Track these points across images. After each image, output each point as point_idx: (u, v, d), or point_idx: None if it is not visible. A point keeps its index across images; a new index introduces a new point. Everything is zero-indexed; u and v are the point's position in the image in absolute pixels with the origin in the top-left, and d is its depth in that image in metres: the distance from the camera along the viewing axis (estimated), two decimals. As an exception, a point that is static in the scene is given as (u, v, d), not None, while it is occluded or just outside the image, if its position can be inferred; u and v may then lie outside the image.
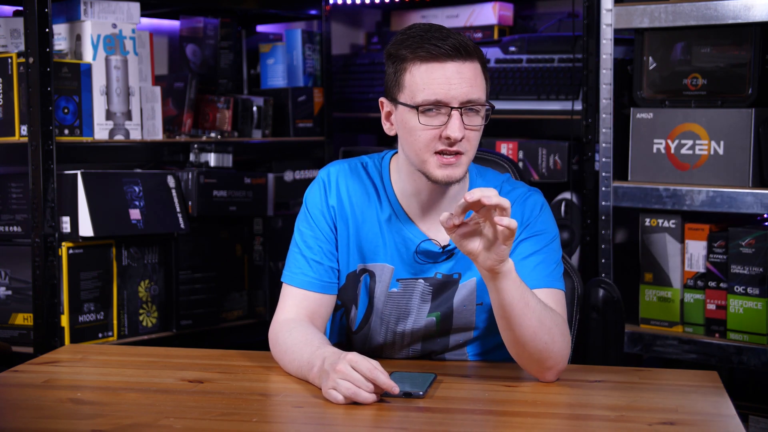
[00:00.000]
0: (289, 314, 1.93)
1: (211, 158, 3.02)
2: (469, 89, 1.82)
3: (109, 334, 2.79)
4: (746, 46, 2.67)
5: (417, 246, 1.93)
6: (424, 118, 1.82)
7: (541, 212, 1.94)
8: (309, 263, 1.95)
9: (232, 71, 3.35)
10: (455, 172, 1.84)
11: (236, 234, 3.14)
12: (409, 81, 1.84)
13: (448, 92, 1.81)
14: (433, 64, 1.82)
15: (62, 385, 1.83)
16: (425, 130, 1.83)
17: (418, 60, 1.83)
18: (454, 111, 1.81)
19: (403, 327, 1.98)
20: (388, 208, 1.95)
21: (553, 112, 3.14)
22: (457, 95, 1.81)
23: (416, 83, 1.83)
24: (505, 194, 1.95)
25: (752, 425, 2.77)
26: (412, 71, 1.84)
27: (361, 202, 1.97)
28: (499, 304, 1.75)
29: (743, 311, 2.68)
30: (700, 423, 1.58)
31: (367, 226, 1.96)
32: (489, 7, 3.50)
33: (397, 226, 1.94)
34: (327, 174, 2.00)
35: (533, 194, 1.97)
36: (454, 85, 1.81)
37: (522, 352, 1.79)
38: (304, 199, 2.00)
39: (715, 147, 2.72)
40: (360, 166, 2.00)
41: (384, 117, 1.93)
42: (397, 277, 1.96)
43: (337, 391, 1.66)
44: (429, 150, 1.84)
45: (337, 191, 1.97)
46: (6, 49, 2.85)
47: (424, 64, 1.83)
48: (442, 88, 1.81)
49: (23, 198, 2.73)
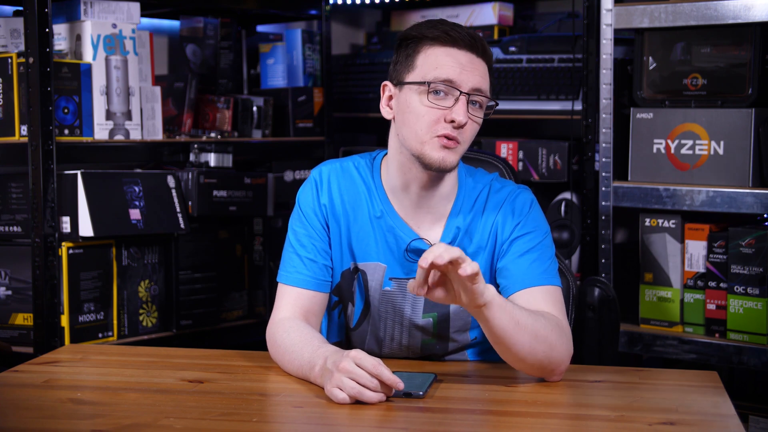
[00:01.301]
0: (285, 313, 1.94)
1: (211, 158, 3.02)
2: (480, 79, 1.86)
3: (109, 334, 2.79)
4: (746, 46, 2.67)
5: (408, 244, 1.94)
6: (433, 98, 1.85)
7: (531, 210, 1.95)
8: (303, 261, 1.96)
9: (232, 71, 3.35)
10: (450, 157, 1.86)
11: (236, 234, 3.14)
12: (422, 61, 1.87)
13: (460, 75, 1.84)
14: (450, 48, 1.86)
15: (62, 385, 1.83)
16: (431, 110, 1.84)
17: (438, 42, 1.86)
18: (462, 96, 1.84)
19: (401, 326, 1.98)
20: (379, 207, 1.96)
21: (553, 112, 3.14)
22: (468, 81, 1.84)
23: (430, 63, 1.86)
24: (494, 193, 1.96)
25: (752, 425, 2.77)
26: (428, 52, 1.87)
27: (353, 201, 1.98)
28: (490, 333, 1.76)
29: (743, 311, 2.68)
30: (700, 423, 1.58)
31: (359, 225, 1.97)
32: (489, 7, 3.50)
33: (388, 225, 1.95)
34: (319, 173, 2.01)
35: (522, 192, 1.97)
36: (466, 71, 1.84)
37: (523, 366, 1.80)
38: (297, 199, 2.01)
39: (715, 147, 2.72)
40: (352, 165, 2.01)
41: (385, 101, 1.95)
42: (390, 276, 1.96)
43: (341, 390, 1.66)
44: (431, 132, 1.85)
45: (329, 190, 1.98)
46: (6, 49, 2.85)
47: (441, 47, 1.86)
48: (455, 71, 1.84)
49: (23, 198, 2.73)
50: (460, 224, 1.94)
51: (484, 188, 1.98)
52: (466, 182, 1.98)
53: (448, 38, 1.85)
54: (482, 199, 1.96)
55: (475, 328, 1.98)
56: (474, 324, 1.97)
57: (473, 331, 1.98)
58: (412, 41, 1.89)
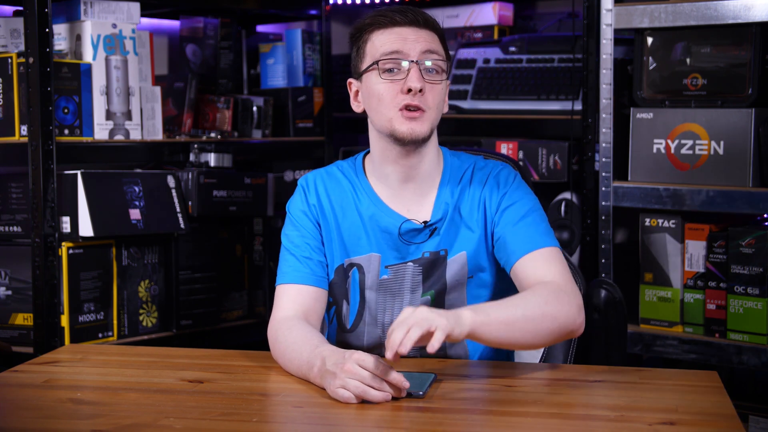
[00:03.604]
0: (286, 312, 1.95)
1: (211, 158, 3.02)
2: (427, 44, 1.91)
3: (109, 334, 2.79)
4: (746, 46, 2.67)
5: (399, 227, 1.96)
6: (386, 75, 1.91)
7: (514, 181, 2.00)
8: (299, 260, 1.98)
9: (232, 71, 3.35)
10: (418, 126, 1.89)
11: (236, 234, 3.14)
12: (370, 48, 1.94)
13: (404, 45, 1.90)
14: (392, 28, 1.93)
15: (62, 385, 1.83)
16: (387, 85, 1.90)
17: (379, 26, 1.93)
18: (413, 64, 1.89)
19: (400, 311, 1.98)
20: (365, 199, 2.00)
21: (553, 112, 3.14)
22: (415, 48, 1.90)
23: (375, 46, 1.93)
24: (478, 170, 2.01)
25: (752, 425, 2.77)
26: (372, 39, 1.94)
27: (340, 199, 2.02)
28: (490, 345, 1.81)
29: (743, 311, 2.68)
30: (700, 423, 1.58)
31: (348, 220, 2.01)
32: (489, 7, 3.50)
33: (377, 214, 1.99)
34: (305, 180, 2.07)
35: (504, 168, 2.02)
36: (410, 40, 1.91)
37: (540, 346, 1.86)
38: (288, 209, 2.06)
39: (715, 147, 2.72)
40: (336, 168, 2.07)
41: (353, 97, 2.02)
42: (385, 264, 1.99)
43: (346, 389, 1.66)
44: (394, 106, 1.90)
45: (316, 192, 2.03)
46: (6, 49, 2.85)
47: (383, 29, 1.93)
48: (399, 43, 1.91)
49: (23, 198, 2.73)
50: (448, 200, 1.98)
51: (469, 166, 2.02)
52: (452, 161, 2.03)
53: (387, 19, 1.92)
54: (468, 175, 2.01)
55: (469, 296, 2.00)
56: (469, 300, 1.99)
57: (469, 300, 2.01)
58: (358, 33, 1.97)
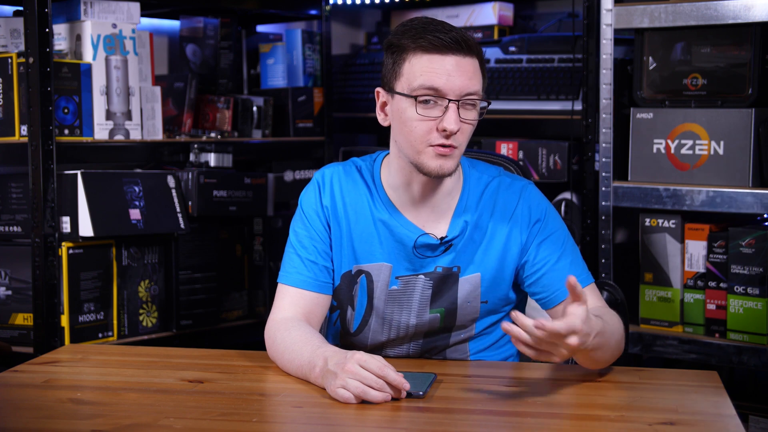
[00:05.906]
0: (286, 313, 1.94)
1: (211, 158, 3.02)
2: (468, 82, 1.82)
3: (109, 334, 2.79)
4: (746, 46, 2.67)
5: (415, 240, 1.94)
6: (422, 109, 1.82)
7: (546, 205, 1.98)
8: (304, 263, 1.96)
9: (232, 71, 3.35)
10: (448, 164, 1.85)
11: (236, 234, 3.14)
12: (407, 70, 1.84)
13: (446, 83, 1.81)
14: (434, 56, 1.82)
15: (62, 385, 1.83)
16: (422, 122, 1.83)
17: (420, 50, 1.83)
18: (452, 104, 1.81)
19: (407, 323, 1.98)
20: (381, 207, 1.96)
21: (553, 112, 3.14)
22: (455, 87, 1.81)
23: (414, 72, 1.83)
24: (505, 187, 1.97)
25: (752, 425, 2.77)
26: (412, 61, 1.84)
27: (355, 203, 1.98)
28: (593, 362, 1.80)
29: (743, 311, 2.68)
30: (700, 423, 1.58)
31: (361, 227, 1.97)
32: (489, 7, 3.50)
33: (392, 224, 1.95)
34: (322, 176, 2.01)
35: (528, 185, 1.99)
36: (453, 77, 1.81)
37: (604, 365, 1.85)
38: (300, 201, 2.02)
39: (715, 147, 2.72)
40: (354, 168, 2.02)
41: (379, 107, 1.93)
42: (396, 275, 1.96)
43: (347, 390, 1.66)
44: (424, 142, 1.84)
45: (331, 192, 1.98)
46: (6, 49, 2.85)
47: (425, 55, 1.82)
48: (440, 79, 1.81)
49: (23, 198, 2.73)
50: (467, 218, 1.95)
51: (491, 182, 1.98)
52: (471, 174, 1.99)
53: (432, 46, 1.82)
54: (489, 194, 1.97)
55: (480, 319, 1.98)
56: (480, 316, 1.98)
57: (479, 323, 1.99)
58: (397, 49, 1.87)
